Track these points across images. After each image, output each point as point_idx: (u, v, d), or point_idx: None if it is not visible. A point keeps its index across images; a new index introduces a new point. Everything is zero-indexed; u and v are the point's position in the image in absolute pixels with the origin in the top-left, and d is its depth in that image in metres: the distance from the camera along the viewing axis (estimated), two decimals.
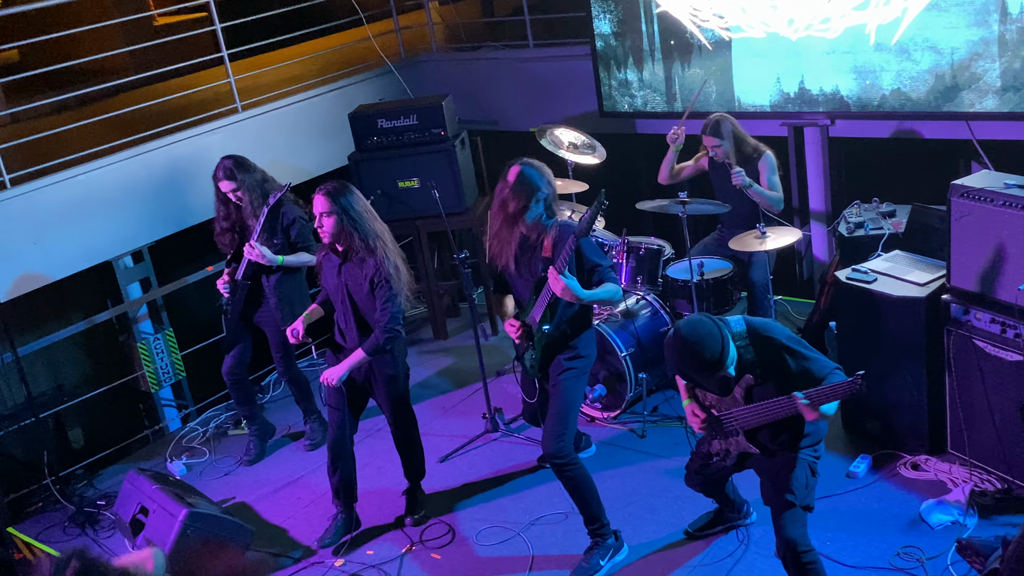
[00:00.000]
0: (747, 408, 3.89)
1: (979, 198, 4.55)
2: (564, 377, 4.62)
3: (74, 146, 6.42)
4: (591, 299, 4.40)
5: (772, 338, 3.82)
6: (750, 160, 5.98)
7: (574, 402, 4.64)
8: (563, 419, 4.58)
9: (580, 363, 4.65)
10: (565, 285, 4.27)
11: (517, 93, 7.97)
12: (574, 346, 4.63)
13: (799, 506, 3.90)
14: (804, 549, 3.87)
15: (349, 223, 4.81)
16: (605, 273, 4.48)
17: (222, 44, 7.10)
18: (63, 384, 6.58)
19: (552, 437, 4.56)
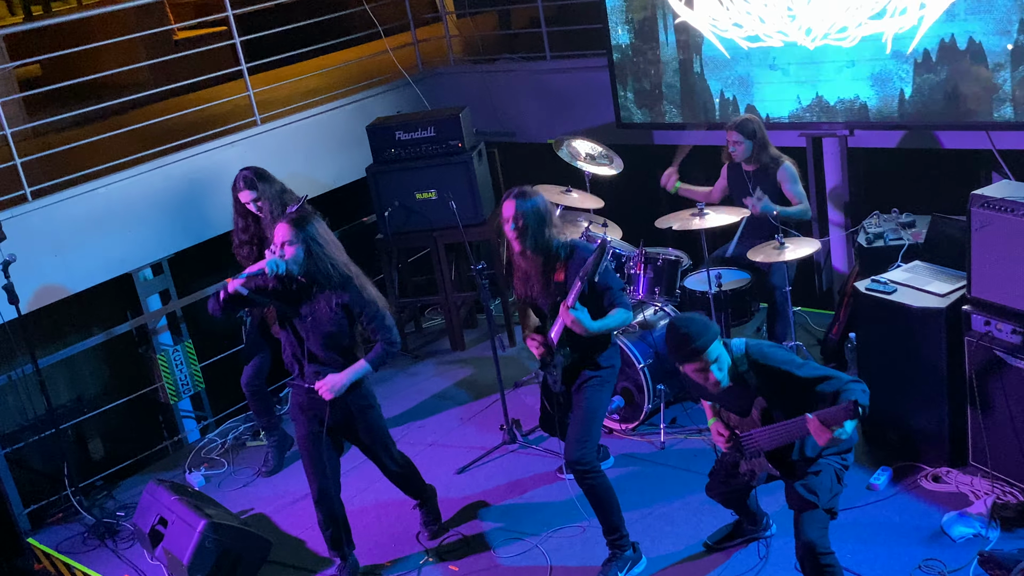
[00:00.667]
0: (764, 429, 3.89)
1: (999, 208, 4.53)
2: (588, 386, 4.64)
3: (95, 159, 6.48)
4: (600, 329, 4.43)
5: (768, 365, 3.84)
6: (767, 169, 5.97)
7: (597, 410, 4.64)
8: (587, 427, 4.59)
9: (604, 372, 4.67)
10: (575, 318, 4.34)
11: (534, 105, 7.98)
12: (595, 358, 4.66)
13: (821, 508, 3.89)
14: (823, 551, 3.85)
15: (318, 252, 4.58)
16: (616, 296, 4.51)
17: (241, 58, 7.15)
18: (83, 395, 6.62)
19: (575, 444, 4.57)
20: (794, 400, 3.78)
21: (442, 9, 8.70)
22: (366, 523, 5.49)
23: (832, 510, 3.94)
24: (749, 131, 5.93)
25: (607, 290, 4.50)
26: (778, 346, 4.03)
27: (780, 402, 3.82)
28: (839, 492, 3.97)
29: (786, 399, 3.81)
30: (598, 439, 4.68)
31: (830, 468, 3.95)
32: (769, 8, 6.31)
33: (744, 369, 3.85)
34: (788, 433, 3.81)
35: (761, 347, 3.92)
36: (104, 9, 6.95)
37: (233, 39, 7.13)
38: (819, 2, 6.08)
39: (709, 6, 6.57)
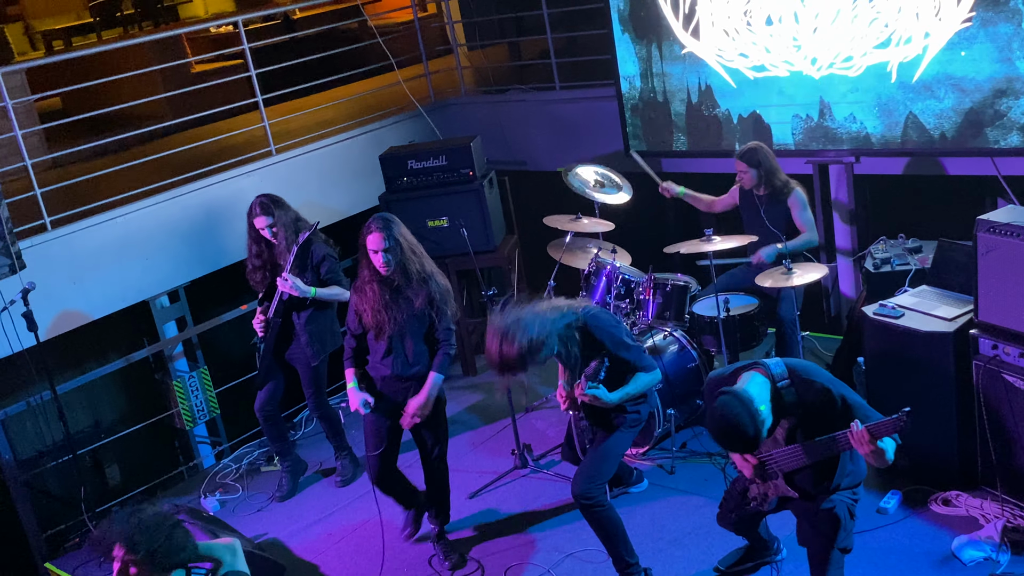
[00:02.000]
0: (788, 449, 3.88)
1: (1006, 233, 4.56)
2: (614, 425, 4.67)
3: (113, 190, 6.59)
4: (622, 399, 4.48)
5: (814, 381, 3.82)
6: (779, 194, 6.02)
7: (615, 451, 4.67)
8: (599, 463, 4.62)
9: (631, 416, 4.69)
10: (593, 396, 4.39)
11: (544, 134, 8.07)
12: (625, 408, 4.67)
13: (837, 548, 3.89)
14: None
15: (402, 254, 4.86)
16: (638, 361, 4.51)
17: (257, 90, 7.27)
18: (100, 421, 6.69)
19: (584, 477, 4.59)
20: (828, 419, 3.77)
21: (454, 42, 8.83)
22: (376, 549, 5.49)
23: (847, 548, 3.94)
24: (755, 161, 6.00)
25: (625, 362, 4.50)
26: (818, 365, 4.01)
27: (810, 421, 3.80)
28: (851, 528, 3.97)
29: (819, 418, 3.78)
30: (608, 477, 4.67)
31: (843, 505, 3.93)
32: (775, 38, 6.39)
33: (784, 386, 3.78)
34: (816, 452, 3.78)
35: (805, 364, 3.91)
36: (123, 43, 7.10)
37: (249, 72, 7.25)
38: (824, 32, 6.16)
39: (715, 37, 6.66)
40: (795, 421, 3.85)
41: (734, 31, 6.55)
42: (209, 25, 10.45)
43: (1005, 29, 5.48)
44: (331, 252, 5.83)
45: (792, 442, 3.87)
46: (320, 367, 5.95)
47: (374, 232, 4.84)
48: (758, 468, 4.08)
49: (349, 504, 6.02)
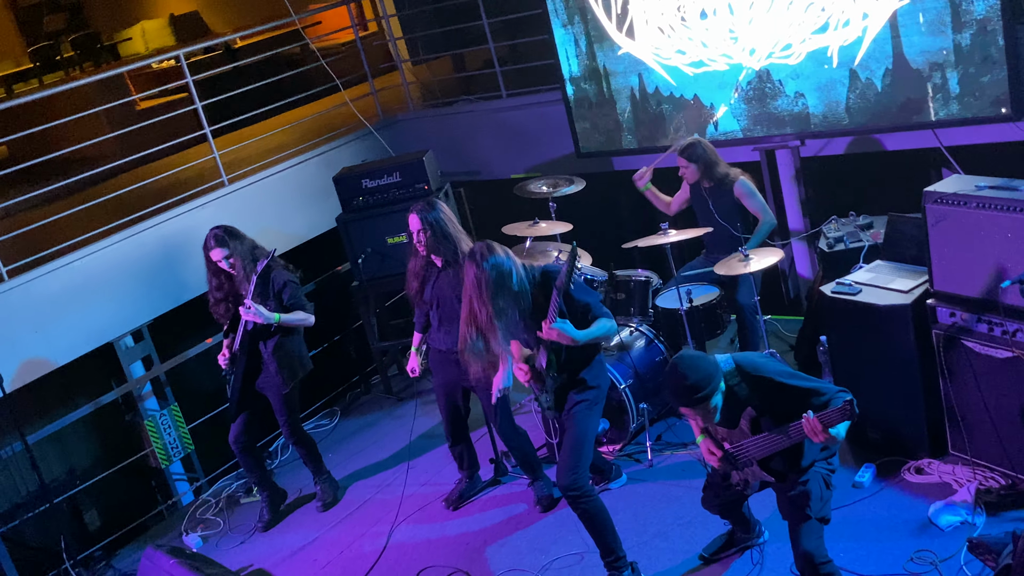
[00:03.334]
0: (755, 439, 3.96)
1: (953, 202, 4.65)
2: (577, 410, 4.70)
3: (68, 234, 6.52)
4: (587, 338, 4.50)
5: (763, 376, 3.91)
6: (723, 184, 6.11)
7: (587, 434, 4.70)
8: (577, 451, 4.65)
9: (591, 394, 4.73)
10: (559, 331, 4.41)
11: (495, 142, 8.11)
12: (583, 379, 4.72)
13: (814, 518, 3.95)
14: (821, 561, 3.91)
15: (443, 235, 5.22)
16: (597, 309, 4.60)
17: (204, 122, 7.23)
18: (75, 467, 6.62)
19: (566, 469, 4.62)
20: (786, 409, 3.85)
21: (397, 58, 8.85)
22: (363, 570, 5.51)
23: (825, 517, 4.00)
24: (694, 156, 6.09)
25: (586, 306, 4.58)
26: (768, 357, 4.10)
27: (771, 411, 3.89)
28: (829, 498, 4.03)
29: (777, 408, 3.87)
30: (589, 462, 4.72)
31: (817, 476, 4.00)
32: (711, 32, 6.43)
33: (735, 383, 3.91)
34: (780, 441, 3.87)
35: (752, 360, 3.99)
36: (66, 86, 7.03)
37: (195, 104, 7.22)
38: (761, 21, 6.21)
39: (650, 36, 6.70)
40: (755, 412, 3.92)
41: (669, 28, 6.61)
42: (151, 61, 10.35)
43: (934, 4, 5.59)
44: (292, 278, 5.82)
45: (758, 432, 3.94)
46: (291, 393, 5.93)
47: (412, 214, 5.31)
48: (725, 459, 4.14)
49: (333, 528, 6.01)
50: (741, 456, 4.08)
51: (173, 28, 13.90)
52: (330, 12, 10.42)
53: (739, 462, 4.11)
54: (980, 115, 5.66)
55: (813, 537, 3.94)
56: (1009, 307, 4.47)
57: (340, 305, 7.65)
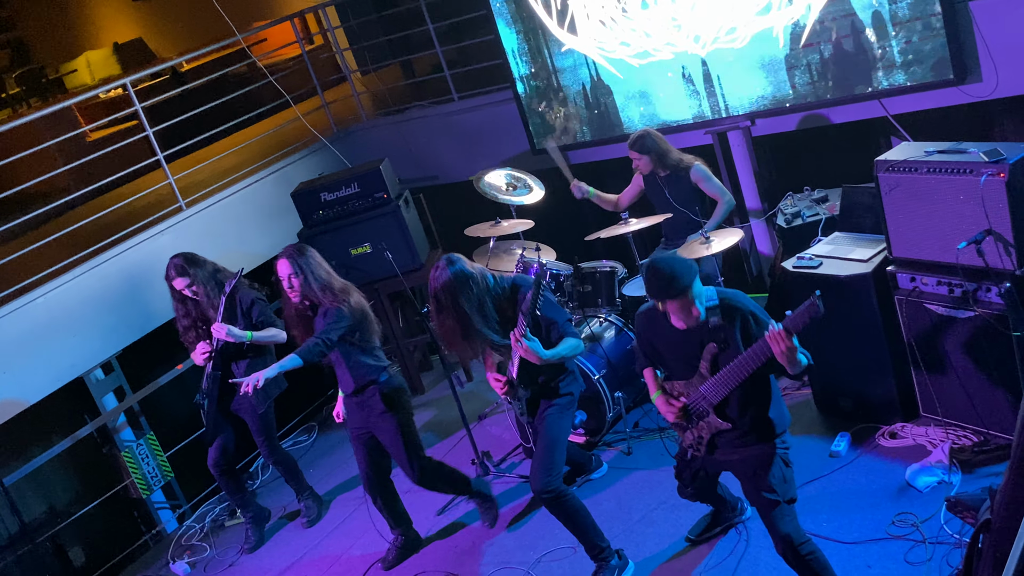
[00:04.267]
0: (714, 379, 3.94)
1: (904, 169, 4.71)
2: (548, 414, 4.74)
3: (28, 271, 6.45)
4: (552, 358, 4.53)
5: (739, 306, 3.92)
6: (678, 171, 6.16)
7: (559, 438, 4.73)
8: (549, 455, 4.68)
9: (563, 400, 4.77)
10: (527, 347, 4.44)
11: (451, 146, 8.11)
12: (555, 387, 4.77)
13: (783, 501, 3.96)
14: (800, 542, 3.93)
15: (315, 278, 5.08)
16: (564, 328, 4.63)
17: (156, 148, 7.17)
18: (54, 505, 6.56)
19: (539, 473, 4.66)
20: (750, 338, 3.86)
21: (346, 69, 8.83)
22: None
23: (792, 498, 4.01)
24: (645, 147, 6.13)
25: (552, 324, 4.61)
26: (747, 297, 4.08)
27: (734, 345, 3.88)
28: (791, 477, 4.04)
29: (743, 343, 3.87)
30: (561, 465, 4.75)
31: (776, 458, 4.01)
32: (653, 21, 6.45)
33: (712, 305, 3.90)
34: (740, 369, 3.84)
35: (735, 293, 4.00)
36: (14, 123, 6.94)
37: (146, 131, 7.17)
38: (703, 6, 6.25)
39: (593, 29, 6.72)
40: (717, 348, 3.92)
41: (610, 20, 6.62)
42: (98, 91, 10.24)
43: None
44: (258, 295, 5.80)
45: (717, 370, 3.93)
46: (267, 413, 5.92)
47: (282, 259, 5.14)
48: (682, 411, 4.14)
49: (319, 543, 6.00)
50: (698, 406, 4.07)
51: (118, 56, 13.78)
52: (275, 28, 10.37)
53: (694, 416, 4.11)
54: (924, 81, 5.75)
55: (787, 520, 3.96)
56: (967, 268, 4.54)
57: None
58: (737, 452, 4.10)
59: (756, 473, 4.00)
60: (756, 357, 3.80)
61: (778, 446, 4.04)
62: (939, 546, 4.30)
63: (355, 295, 5.13)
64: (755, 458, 4.03)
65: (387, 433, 5.18)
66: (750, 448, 4.06)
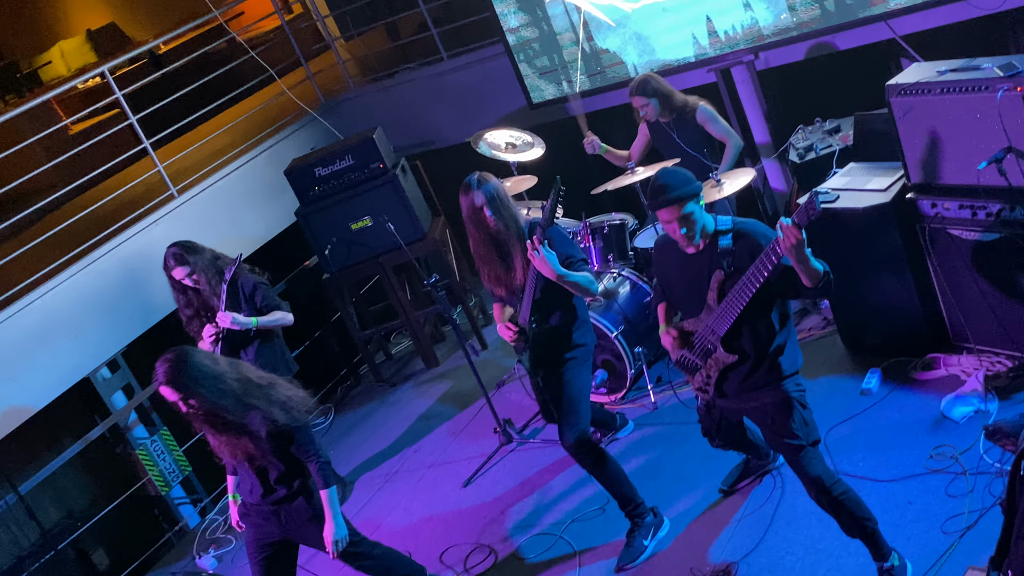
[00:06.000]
0: (720, 307, 3.82)
1: (917, 92, 4.58)
2: (565, 369, 4.66)
3: (21, 274, 6.37)
4: (566, 277, 4.41)
5: (753, 232, 3.79)
6: (684, 114, 6.00)
7: (580, 391, 4.66)
8: (574, 410, 4.62)
9: (578, 352, 4.69)
10: (543, 257, 4.33)
11: (444, 108, 7.94)
12: (569, 336, 4.67)
13: (807, 445, 3.86)
14: (831, 482, 3.84)
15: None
16: (578, 265, 4.54)
17: (142, 135, 7.06)
18: (72, 510, 6.52)
19: (567, 428, 4.60)
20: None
21: (328, 37, 8.62)
22: None
23: (816, 440, 3.91)
24: (649, 91, 5.96)
25: (568, 258, 4.51)
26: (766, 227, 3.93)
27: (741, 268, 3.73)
28: (811, 418, 3.93)
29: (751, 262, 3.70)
30: (588, 417, 4.68)
31: (791, 401, 3.89)
32: None
33: (725, 229, 3.79)
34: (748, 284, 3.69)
35: (750, 221, 3.88)
36: None
37: (129, 119, 7.02)
38: None
39: None
40: (725, 275, 3.79)
41: None
42: (76, 82, 10.06)
43: None
44: (260, 280, 5.70)
45: (723, 297, 3.80)
46: None
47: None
48: (682, 337, 4.02)
49: None
50: (705, 341, 3.95)
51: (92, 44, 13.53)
52: (251, 0, 10.15)
53: (701, 351, 3.99)
54: None
55: (814, 463, 3.86)
56: (989, 188, 4.43)
57: (314, 300, 7.53)
58: (749, 398, 3.97)
59: (774, 420, 3.90)
60: (763, 266, 3.61)
61: (792, 389, 3.90)
62: (980, 476, 4.23)
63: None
64: (770, 405, 3.91)
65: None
66: (761, 393, 3.92)
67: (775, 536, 4.45)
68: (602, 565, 4.73)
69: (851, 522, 3.86)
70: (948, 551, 3.97)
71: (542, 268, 4.38)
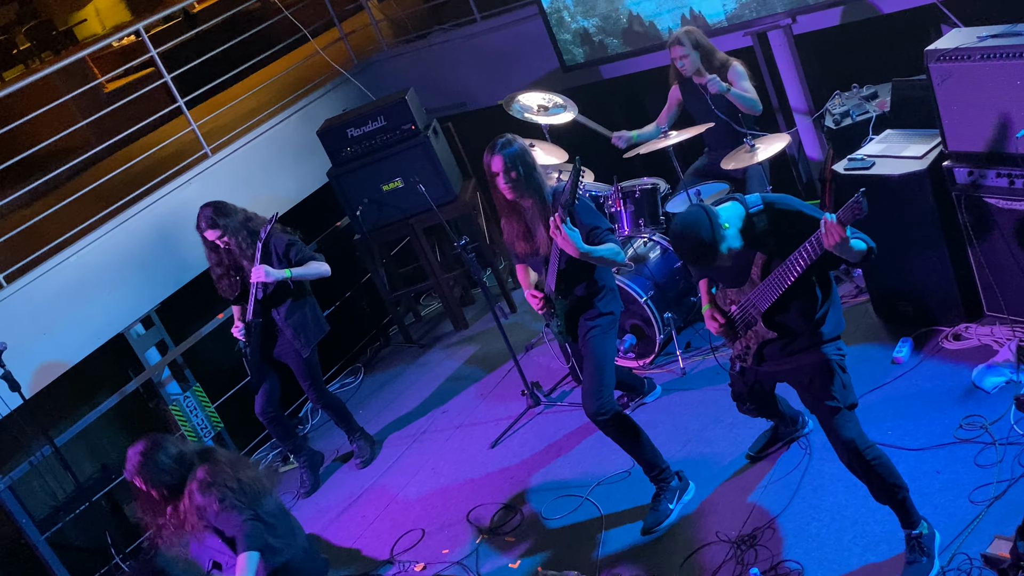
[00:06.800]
0: (764, 284, 3.80)
1: (956, 58, 4.50)
2: (591, 336, 4.66)
3: (57, 231, 6.42)
4: (591, 253, 4.40)
5: (789, 208, 3.74)
6: (720, 73, 5.93)
7: (605, 358, 4.66)
8: (598, 377, 4.62)
9: (604, 320, 4.68)
10: (566, 235, 4.31)
11: (477, 70, 7.91)
12: (594, 305, 4.67)
13: (844, 408, 3.85)
14: (865, 446, 3.81)
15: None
16: (604, 235, 4.51)
17: (176, 94, 7.07)
18: (107, 463, 6.60)
19: (590, 396, 4.60)
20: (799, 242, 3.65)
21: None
22: (412, 519, 5.52)
23: (853, 403, 3.89)
24: (693, 41, 5.88)
25: (593, 229, 4.49)
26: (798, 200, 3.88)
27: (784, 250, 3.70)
28: (849, 382, 3.92)
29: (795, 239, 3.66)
30: (612, 385, 4.68)
31: (831, 364, 3.88)
32: None
33: (758, 211, 3.72)
34: (791, 268, 3.68)
35: (783, 196, 3.83)
36: (28, 80, 6.82)
37: (164, 77, 7.04)
38: None
39: None
40: (769, 254, 3.77)
41: None
42: (110, 40, 10.10)
43: None
44: (293, 238, 5.74)
45: (768, 275, 3.78)
46: (311, 357, 5.88)
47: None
48: (727, 325, 4.03)
49: (375, 483, 6.01)
50: (747, 314, 3.94)
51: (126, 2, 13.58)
52: None
53: (742, 324, 3.99)
54: None
55: (849, 426, 3.84)
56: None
57: (345, 261, 7.56)
58: (788, 361, 3.96)
59: (812, 381, 3.89)
60: (807, 254, 3.61)
61: (832, 353, 3.89)
62: (1010, 447, 4.20)
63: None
64: (809, 366, 3.90)
65: None
66: (801, 356, 3.92)
67: (801, 502, 4.45)
68: (628, 528, 4.75)
69: (882, 488, 3.84)
70: (975, 520, 3.95)
71: (565, 247, 4.37)
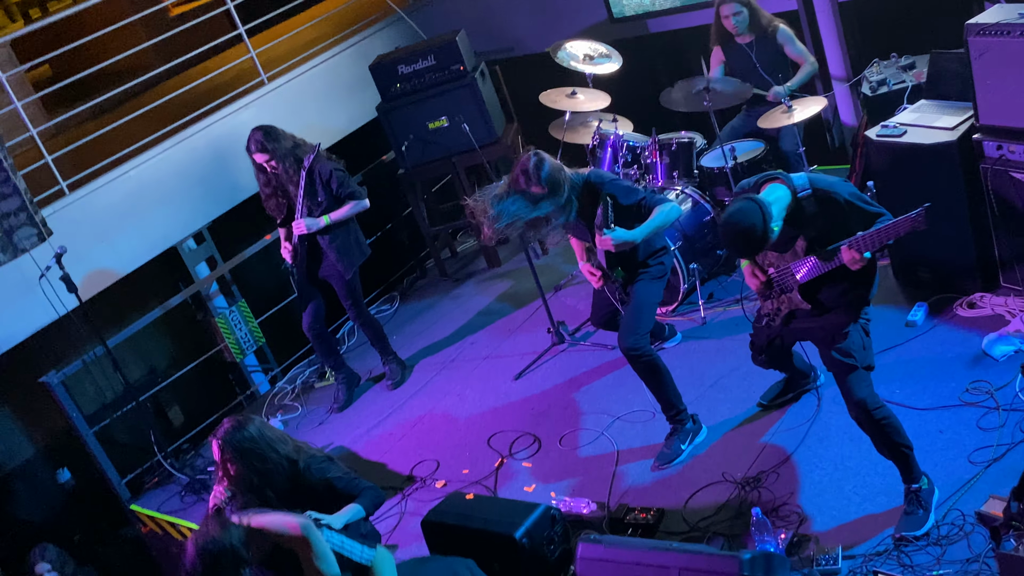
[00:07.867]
0: (804, 260, 3.93)
1: (996, 33, 4.55)
2: (639, 280, 4.87)
3: (119, 145, 6.64)
4: (644, 233, 4.62)
5: (835, 195, 3.85)
6: (765, 34, 6.02)
7: (647, 301, 4.86)
8: (637, 316, 4.82)
9: (654, 269, 4.89)
10: (612, 240, 4.56)
11: (526, 16, 7.99)
12: (646, 262, 4.88)
13: (860, 367, 3.98)
14: (875, 406, 3.94)
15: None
16: (650, 200, 4.69)
17: (238, 22, 7.22)
18: (154, 368, 6.88)
19: (627, 332, 4.79)
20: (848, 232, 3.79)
21: None
22: (437, 440, 5.76)
23: (870, 365, 4.02)
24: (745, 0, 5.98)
25: (639, 202, 4.69)
26: (845, 182, 4.00)
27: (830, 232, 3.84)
28: (870, 345, 4.05)
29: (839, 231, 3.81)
30: (649, 327, 4.86)
31: (856, 327, 4.02)
32: None
33: (807, 195, 3.83)
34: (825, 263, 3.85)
35: (829, 180, 3.93)
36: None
37: (227, 4, 7.21)
38: None
39: None
40: (815, 233, 3.89)
41: None
42: None
43: None
44: (337, 166, 5.91)
45: (811, 253, 3.93)
46: (353, 279, 6.09)
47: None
48: (765, 283, 4.17)
49: (404, 404, 6.25)
50: (784, 280, 4.08)
51: None
52: None
53: (778, 288, 4.12)
54: None
55: (863, 385, 3.97)
56: None
57: (389, 194, 7.76)
58: (815, 321, 4.11)
59: (834, 339, 4.01)
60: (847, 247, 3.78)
61: (860, 316, 4.04)
62: (1012, 413, 4.32)
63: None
64: (834, 325, 4.03)
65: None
66: (828, 317, 4.06)
67: (806, 451, 4.61)
68: (639, 464, 4.94)
69: (887, 445, 3.98)
70: (973, 479, 4.07)
71: (619, 249, 4.61)
